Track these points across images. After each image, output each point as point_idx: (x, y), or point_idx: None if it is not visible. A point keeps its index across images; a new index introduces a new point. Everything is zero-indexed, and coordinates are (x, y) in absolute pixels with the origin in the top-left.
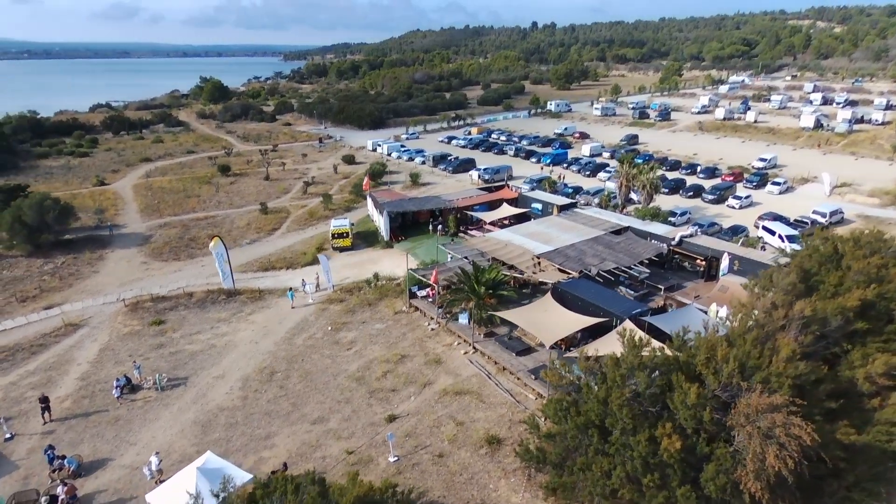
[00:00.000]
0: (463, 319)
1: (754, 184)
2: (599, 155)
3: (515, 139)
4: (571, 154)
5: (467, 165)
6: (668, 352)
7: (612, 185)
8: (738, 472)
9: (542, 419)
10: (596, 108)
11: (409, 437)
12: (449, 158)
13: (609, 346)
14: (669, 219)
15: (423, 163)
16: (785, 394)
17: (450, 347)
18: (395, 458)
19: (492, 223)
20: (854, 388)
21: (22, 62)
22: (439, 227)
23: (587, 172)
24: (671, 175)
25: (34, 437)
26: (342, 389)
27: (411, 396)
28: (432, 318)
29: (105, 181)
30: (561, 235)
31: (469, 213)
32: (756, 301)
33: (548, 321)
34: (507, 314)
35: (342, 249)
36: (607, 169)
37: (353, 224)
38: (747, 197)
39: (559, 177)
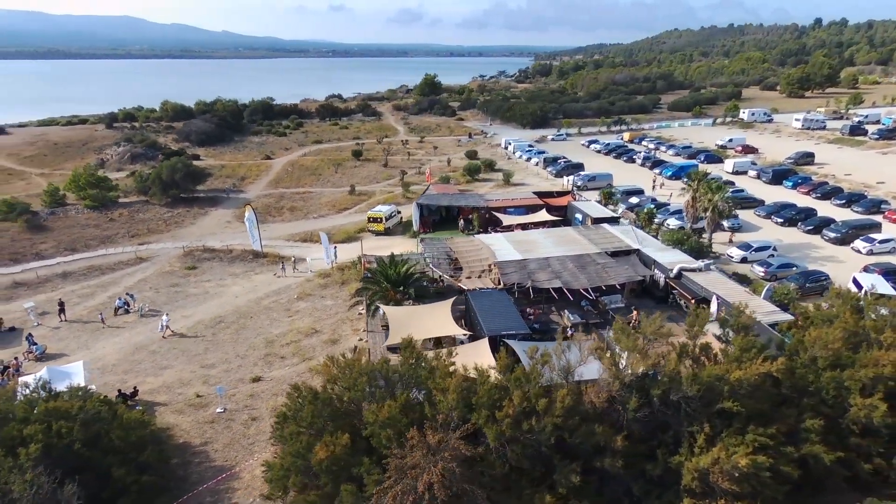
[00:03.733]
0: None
1: None
2: (745, 173)
3: (663, 148)
4: (713, 168)
5: (572, 170)
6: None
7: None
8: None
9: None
10: (797, 120)
11: (252, 397)
12: (558, 161)
13: (460, 357)
14: (727, 253)
15: (537, 164)
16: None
17: (356, 332)
18: (222, 409)
19: (508, 226)
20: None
21: (324, 59)
22: (460, 223)
23: None
24: (821, 204)
25: (48, 328)
26: (250, 346)
27: (287, 366)
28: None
29: (271, 156)
30: (549, 248)
31: (496, 213)
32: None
33: (414, 324)
34: (388, 309)
35: (376, 233)
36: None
37: (399, 212)
38: (888, 241)
39: (660, 185)
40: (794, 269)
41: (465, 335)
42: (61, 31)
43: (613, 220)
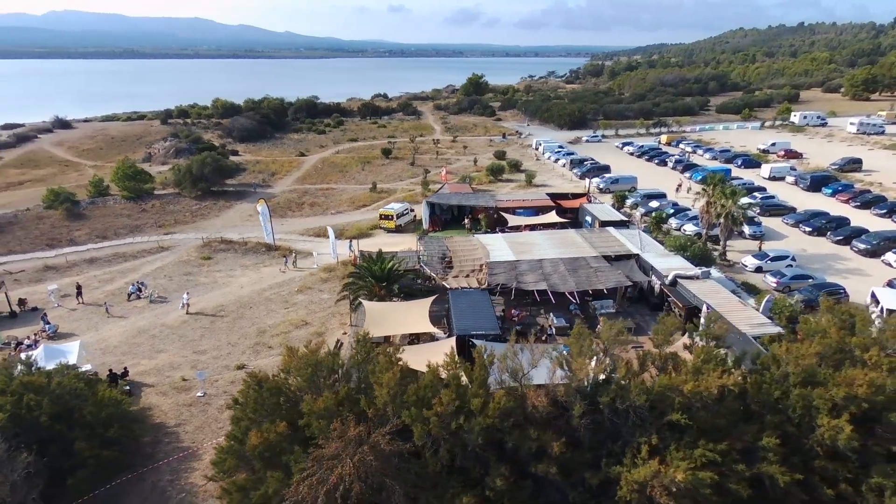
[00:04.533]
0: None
1: None
2: (782, 179)
3: (700, 151)
4: (749, 173)
5: (598, 171)
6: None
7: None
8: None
9: None
10: (851, 124)
11: (233, 383)
12: (585, 163)
13: (419, 354)
14: (742, 262)
15: (564, 165)
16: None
17: (342, 326)
18: (202, 394)
19: (517, 227)
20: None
21: (380, 59)
22: (465, 223)
23: None
24: (860, 214)
25: (66, 309)
26: (243, 335)
27: (273, 355)
28: None
29: (305, 153)
30: (546, 250)
31: (504, 214)
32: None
33: (390, 320)
34: (368, 304)
35: (388, 230)
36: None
37: (411, 210)
38: None
39: (686, 189)
40: (810, 280)
41: (437, 333)
42: (137, 32)
43: (622, 224)
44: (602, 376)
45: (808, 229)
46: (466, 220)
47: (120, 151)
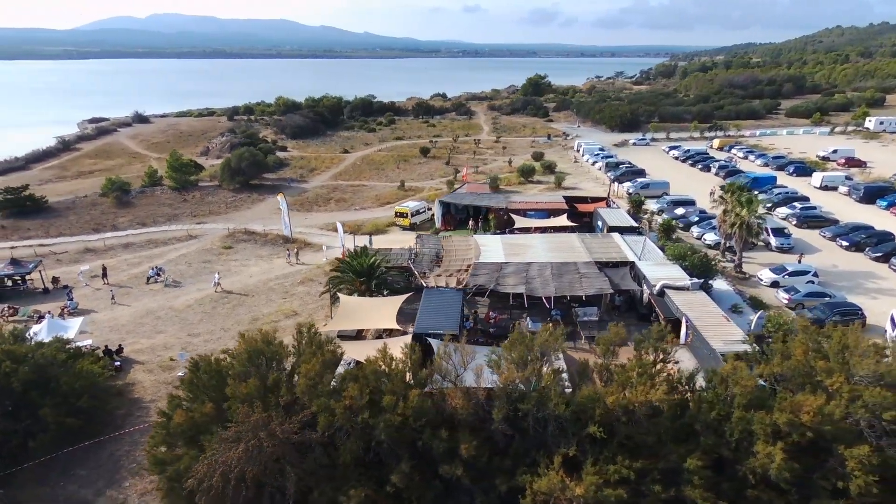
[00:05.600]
0: None
1: None
2: (835, 189)
3: (752, 157)
4: (800, 182)
5: (632, 175)
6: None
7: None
8: None
9: None
10: None
11: None
12: (620, 167)
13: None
14: (758, 275)
15: (600, 168)
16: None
17: (327, 317)
18: (182, 374)
19: (526, 228)
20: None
21: (453, 59)
22: (470, 223)
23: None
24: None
25: (92, 288)
26: (237, 321)
27: None
28: None
29: (349, 150)
30: (539, 253)
31: (514, 215)
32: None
33: (360, 314)
34: (344, 298)
35: (403, 228)
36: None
37: (429, 208)
38: None
39: (718, 196)
40: (827, 298)
41: (402, 329)
42: (227, 33)
43: (632, 230)
44: (517, 382)
45: (845, 244)
46: (471, 222)
47: (185, 145)
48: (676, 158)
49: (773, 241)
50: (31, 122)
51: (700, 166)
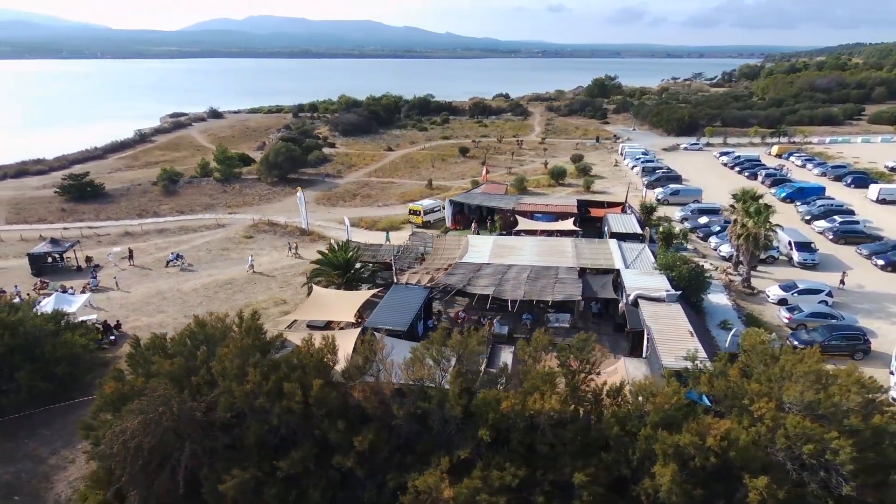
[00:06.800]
0: None
1: None
2: (893, 203)
3: (809, 166)
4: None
5: (668, 181)
6: None
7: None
8: None
9: None
10: None
11: None
12: (657, 172)
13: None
14: (766, 291)
15: (638, 173)
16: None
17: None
18: None
19: (532, 231)
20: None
21: (532, 59)
22: (473, 222)
23: (808, 217)
24: None
25: (119, 269)
26: (231, 307)
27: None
28: None
29: (393, 148)
30: (526, 256)
31: (520, 217)
32: None
33: (326, 306)
34: (316, 290)
35: (416, 225)
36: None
37: (443, 207)
38: None
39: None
40: (833, 320)
41: (357, 322)
42: (316, 33)
43: (634, 237)
44: (418, 381)
45: (880, 262)
46: (473, 223)
47: (247, 140)
48: (725, 165)
49: (796, 255)
50: (119, 116)
51: (747, 174)
